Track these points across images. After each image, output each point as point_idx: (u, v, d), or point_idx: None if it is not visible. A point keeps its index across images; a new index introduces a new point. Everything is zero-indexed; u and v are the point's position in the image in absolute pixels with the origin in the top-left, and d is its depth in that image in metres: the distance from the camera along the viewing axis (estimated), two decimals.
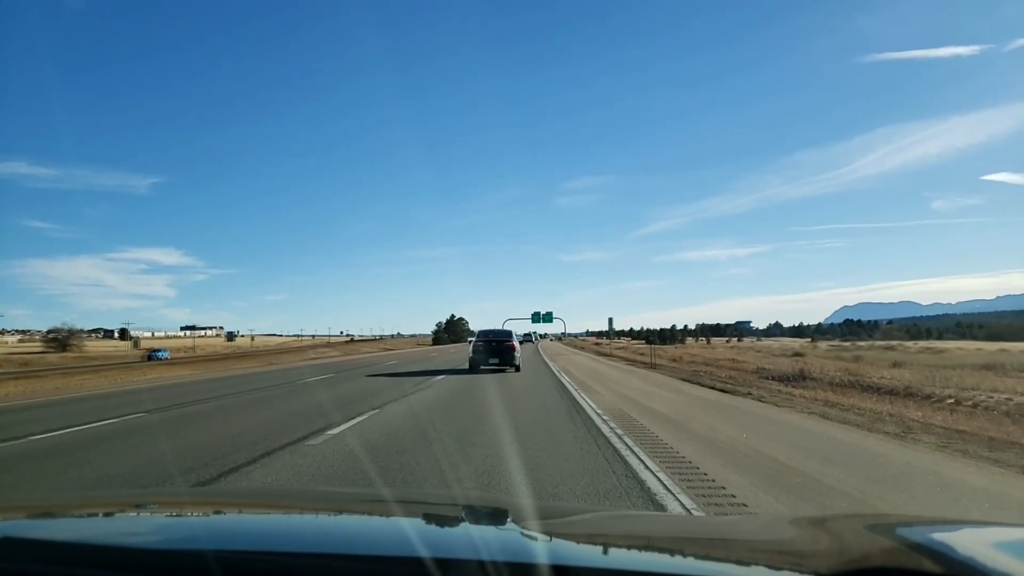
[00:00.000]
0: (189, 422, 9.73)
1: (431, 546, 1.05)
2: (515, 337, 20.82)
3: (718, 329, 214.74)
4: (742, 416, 9.83)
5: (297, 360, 41.35)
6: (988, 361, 27.16)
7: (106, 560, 1.07)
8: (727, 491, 4.96)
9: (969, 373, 19.66)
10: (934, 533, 1.21)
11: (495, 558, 0.95)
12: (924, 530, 1.27)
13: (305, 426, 8.44)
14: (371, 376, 19.77)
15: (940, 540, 1.08)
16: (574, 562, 1.09)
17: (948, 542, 1.06)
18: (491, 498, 3.94)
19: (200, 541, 1.21)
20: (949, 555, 0.96)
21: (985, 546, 1.07)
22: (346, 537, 1.39)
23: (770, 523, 1.96)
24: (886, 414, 9.77)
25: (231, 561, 1.00)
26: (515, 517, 1.60)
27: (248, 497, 2.62)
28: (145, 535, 1.39)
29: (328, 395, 13.45)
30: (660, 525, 1.87)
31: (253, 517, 1.65)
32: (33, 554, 1.08)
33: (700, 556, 1.21)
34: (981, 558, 0.92)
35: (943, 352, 48.74)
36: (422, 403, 11.55)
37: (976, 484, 5.30)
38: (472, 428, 8.23)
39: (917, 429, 8.27)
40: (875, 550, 1.10)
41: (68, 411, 11.96)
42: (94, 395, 16.28)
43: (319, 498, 2.36)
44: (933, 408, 11.19)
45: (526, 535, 1.36)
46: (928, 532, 1.23)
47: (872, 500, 4.73)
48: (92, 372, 31.06)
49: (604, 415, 9.59)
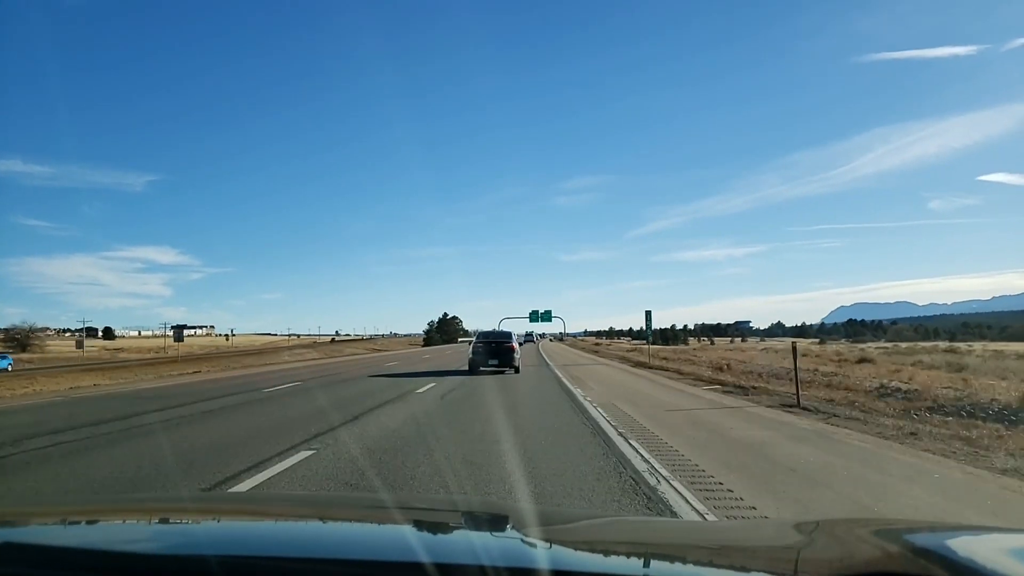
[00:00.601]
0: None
1: (431, 551, 1.06)
2: (515, 338, 20.68)
3: (719, 329, 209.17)
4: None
5: (261, 364, 34.89)
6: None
7: (104, 565, 1.07)
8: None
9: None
10: (938, 538, 1.20)
11: (495, 563, 0.95)
12: (928, 536, 1.26)
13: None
14: (337, 386, 14.92)
15: (944, 545, 1.07)
16: (575, 568, 1.08)
17: (952, 547, 1.05)
18: (492, 503, 3.86)
19: (200, 546, 1.28)
20: (953, 560, 0.96)
21: (990, 551, 1.04)
22: (346, 542, 1.39)
23: (773, 528, 1.96)
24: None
25: (230, 566, 1.00)
26: (515, 522, 1.62)
27: (247, 502, 2.75)
28: (145, 540, 1.40)
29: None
30: (661, 531, 1.91)
31: (252, 522, 1.67)
32: (32, 559, 1.08)
33: (702, 562, 1.20)
34: (985, 563, 0.91)
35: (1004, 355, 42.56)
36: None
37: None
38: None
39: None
40: (878, 555, 1.09)
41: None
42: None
43: (319, 503, 2.39)
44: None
45: (527, 541, 1.34)
46: (932, 538, 1.23)
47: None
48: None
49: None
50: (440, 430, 8.11)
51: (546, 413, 9.98)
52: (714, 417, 9.65)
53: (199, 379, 22.42)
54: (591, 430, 8.05)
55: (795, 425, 8.63)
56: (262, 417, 10.03)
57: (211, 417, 10.17)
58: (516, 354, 19.43)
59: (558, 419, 9.20)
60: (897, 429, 8.05)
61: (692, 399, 12.63)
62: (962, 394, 11.32)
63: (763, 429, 8.29)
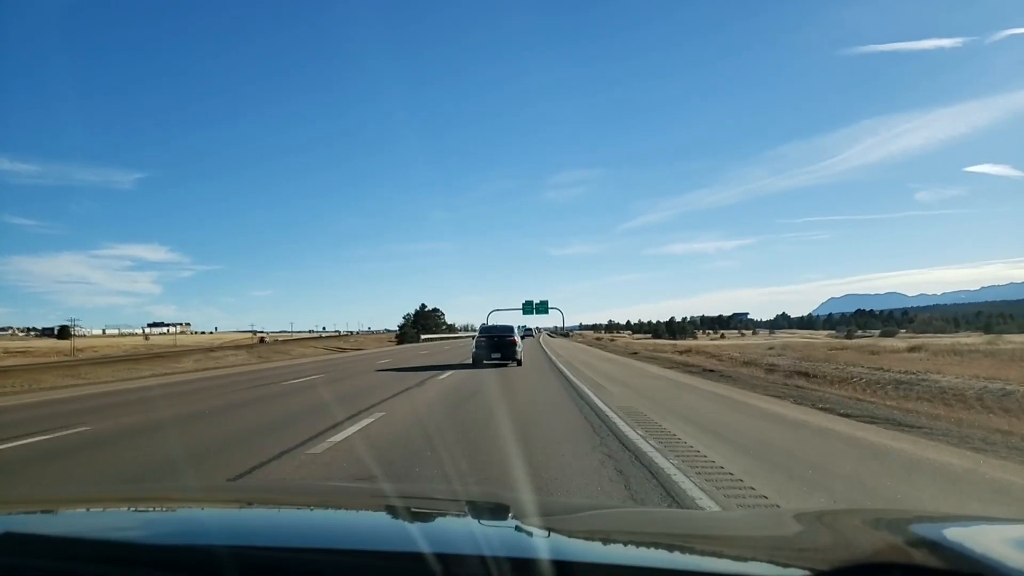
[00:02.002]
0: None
1: (432, 541, 1.05)
2: (516, 332, 20.81)
3: (721, 321, 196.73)
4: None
5: (113, 379, 20.83)
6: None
7: (105, 555, 1.05)
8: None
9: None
10: (937, 528, 1.17)
11: (496, 553, 0.94)
12: (928, 526, 1.24)
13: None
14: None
15: (943, 535, 1.06)
16: (575, 557, 1.07)
17: (951, 537, 1.04)
18: (493, 493, 3.79)
19: (199, 536, 1.25)
20: (952, 550, 0.95)
21: (989, 541, 1.04)
22: (347, 532, 1.38)
23: (773, 518, 1.97)
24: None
25: (230, 556, 0.98)
26: (517, 512, 1.65)
27: (247, 492, 2.62)
28: (145, 529, 1.39)
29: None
30: (662, 520, 1.85)
31: (252, 512, 1.63)
32: (34, 549, 1.06)
33: (702, 551, 1.19)
34: (987, 553, 0.90)
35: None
36: None
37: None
38: None
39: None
40: (878, 545, 1.09)
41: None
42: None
43: (320, 493, 2.35)
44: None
45: (528, 530, 1.34)
46: (931, 527, 1.20)
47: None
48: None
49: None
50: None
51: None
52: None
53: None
54: None
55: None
56: None
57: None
58: (518, 348, 19.89)
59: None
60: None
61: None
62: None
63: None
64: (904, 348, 26.12)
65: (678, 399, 11.21)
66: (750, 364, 18.87)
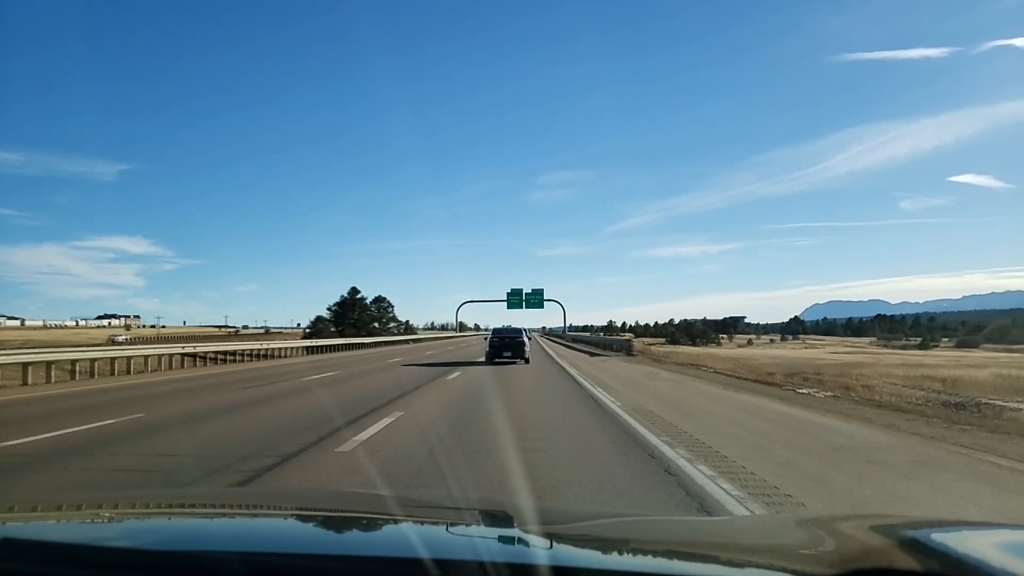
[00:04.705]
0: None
1: (433, 547, 1.06)
2: (525, 333, 24.06)
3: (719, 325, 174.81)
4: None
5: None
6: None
7: (105, 560, 1.06)
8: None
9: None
10: (937, 534, 1.19)
11: (496, 560, 0.94)
12: (928, 531, 1.24)
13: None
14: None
15: (943, 541, 1.07)
16: (576, 564, 1.08)
17: (951, 543, 1.04)
18: (494, 500, 3.86)
19: (202, 542, 1.26)
20: (952, 556, 0.95)
21: (988, 547, 1.04)
22: (347, 538, 1.39)
23: (774, 524, 1.97)
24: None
25: (229, 562, 0.98)
26: (517, 519, 1.62)
27: (247, 499, 2.67)
28: (148, 535, 1.39)
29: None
30: (662, 528, 1.83)
31: (251, 518, 1.66)
32: (34, 555, 1.06)
33: (703, 558, 1.18)
34: (984, 559, 0.90)
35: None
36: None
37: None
38: None
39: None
40: (879, 551, 1.08)
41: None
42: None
43: (321, 499, 2.39)
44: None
45: (528, 537, 1.32)
46: (931, 533, 1.20)
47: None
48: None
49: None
50: None
51: None
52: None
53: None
54: None
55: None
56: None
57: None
58: (526, 347, 23.15)
59: None
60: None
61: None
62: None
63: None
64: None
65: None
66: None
